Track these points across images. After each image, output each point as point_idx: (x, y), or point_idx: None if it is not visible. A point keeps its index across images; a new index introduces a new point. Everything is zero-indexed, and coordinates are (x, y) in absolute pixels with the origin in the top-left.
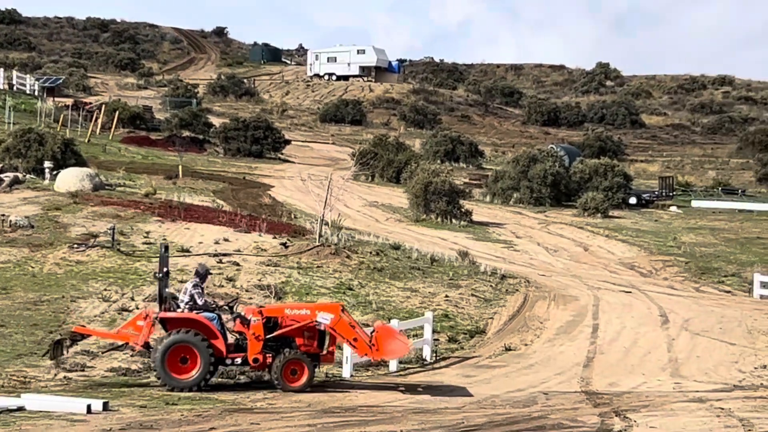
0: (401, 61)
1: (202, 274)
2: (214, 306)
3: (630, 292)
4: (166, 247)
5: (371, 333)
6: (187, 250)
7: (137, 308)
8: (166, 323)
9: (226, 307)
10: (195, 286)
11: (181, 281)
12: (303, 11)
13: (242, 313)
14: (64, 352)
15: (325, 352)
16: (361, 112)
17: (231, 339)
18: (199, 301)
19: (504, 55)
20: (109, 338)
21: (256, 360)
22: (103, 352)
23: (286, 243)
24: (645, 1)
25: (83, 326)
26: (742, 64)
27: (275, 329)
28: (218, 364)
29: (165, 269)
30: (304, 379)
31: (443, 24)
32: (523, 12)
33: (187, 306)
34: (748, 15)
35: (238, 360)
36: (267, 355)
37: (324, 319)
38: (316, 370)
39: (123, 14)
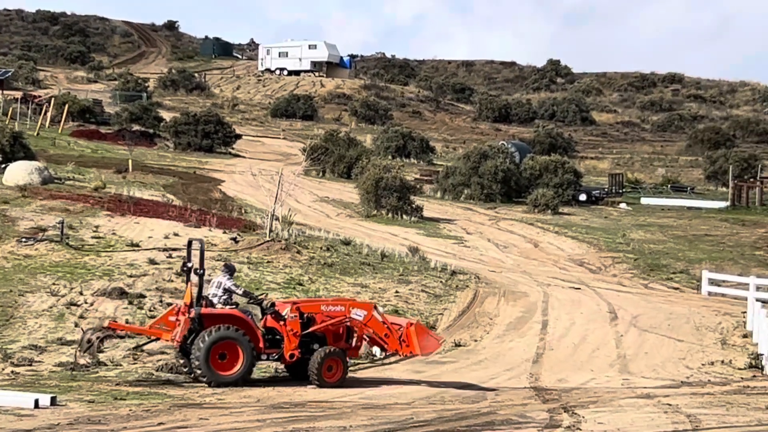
0: (353, 57)
1: (232, 270)
2: (256, 296)
3: (579, 288)
4: (202, 242)
5: (400, 330)
6: (137, 245)
7: (86, 302)
8: (202, 319)
9: (254, 302)
10: (229, 280)
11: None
12: (256, 5)
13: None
14: (100, 347)
15: (352, 346)
16: (312, 108)
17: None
18: (239, 292)
19: (457, 51)
20: (144, 333)
21: (292, 356)
22: (134, 348)
23: (236, 238)
24: None
25: (114, 320)
26: (691, 63)
27: (309, 325)
28: (256, 359)
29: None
30: (339, 374)
31: (397, 20)
32: (477, 8)
33: (221, 301)
34: (697, 14)
35: (274, 355)
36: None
37: (357, 315)
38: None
39: (73, 7)
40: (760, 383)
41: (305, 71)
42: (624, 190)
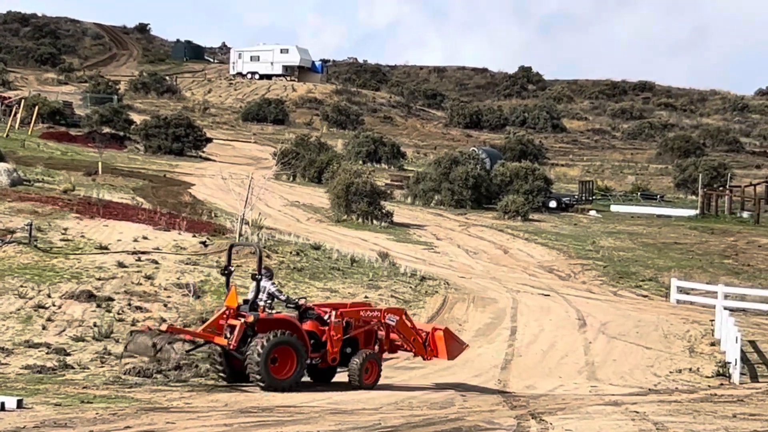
0: (324, 62)
1: (272, 273)
2: (296, 301)
3: (548, 295)
4: (260, 247)
5: (426, 335)
6: (106, 248)
7: (54, 305)
8: (255, 324)
9: (294, 307)
10: (273, 284)
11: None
12: (231, 9)
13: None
14: (173, 353)
15: (377, 349)
16: (283, 112)
17: None
18: (282, 297)
19: (431, 57)
20: (198, 338)
21: (334, 359)
22: (188, 351)
23: (205, 242)
24: (571, 5)
25: (172, 325)
26: (662, 71)
27: (348, 330)
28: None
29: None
30: (375, 376)
31: (371, 25)
32: (452, 14)
33: (266, 304)
34: (669, 23)
35: (317, 359)
36: None
37: (391, 320)
38: None
39: (44, 8)
40: (728, 391)
41: (277, 75)
42: (594, 197)
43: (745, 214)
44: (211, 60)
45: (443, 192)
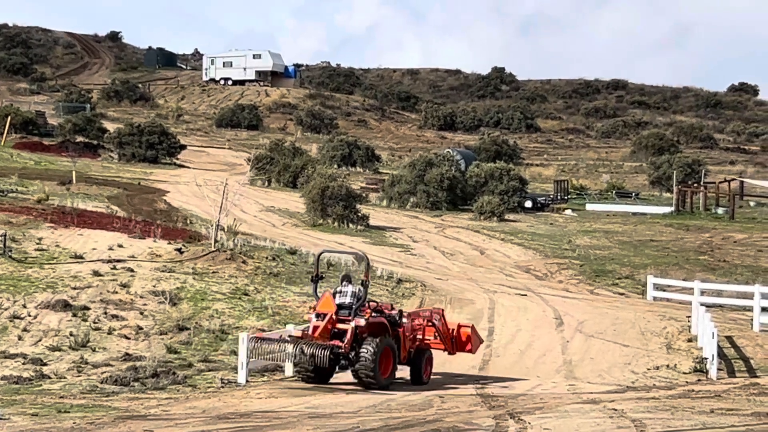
0: (297, 66)
1: (350, 278)
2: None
3: (525, 295)
4: (366, 256)
5: (452, 331)
6: (81, 257)
7: (29, 315)
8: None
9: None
10: (361, 290)
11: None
12: (206, 15)
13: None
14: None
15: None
16: (257, 117)
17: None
18: (365, 302)
19: (410, 60)
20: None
21: (405, 357)
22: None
23: (181, 248)
24: (547, 6)
25: (304, 331)
26: (635, 69)
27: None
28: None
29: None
30: (430, 372)
31: (351, 29)
32: (430, 16)
33: (356, 309)
34: (642, 22)
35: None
36: None
37: (437, 321)
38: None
39: (15, 18)
40: (705, 387)
41: (250, 81)
42: (569, 196)
43: (720, 211)
44: (184, 67)
45: (419, 194)
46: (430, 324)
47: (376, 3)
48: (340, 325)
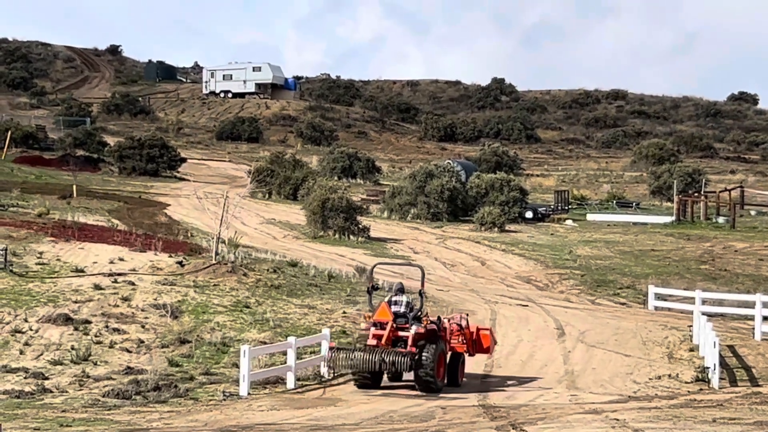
0: (297, 78)
1: (403, 289)
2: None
3: (527, 305)
4: (422, 268)
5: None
6: (82, 270)
7: (31, 329)
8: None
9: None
10: (412, 299)
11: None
12: (210, 28)
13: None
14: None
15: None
16: (257, 130)
17: None
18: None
19: (413, 72)
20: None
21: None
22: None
23: (182, 261)
24: (547, 17)
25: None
26: (635, 79)
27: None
28: None
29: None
30: (463, 374)
31: (354, 41)
32: (433, 28)
33: (411, 317)
34: (641, 31)
35: None
36: None
37: (464, 321)
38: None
39: (15, 33)
40: (707, 396)
41: (250, 93)
42: (570, 206)
43: (721, 220)
44: (184, 80)
45: (419, 205)
46: (459, 329)
47: (378, 16)
48: (399, 333)
